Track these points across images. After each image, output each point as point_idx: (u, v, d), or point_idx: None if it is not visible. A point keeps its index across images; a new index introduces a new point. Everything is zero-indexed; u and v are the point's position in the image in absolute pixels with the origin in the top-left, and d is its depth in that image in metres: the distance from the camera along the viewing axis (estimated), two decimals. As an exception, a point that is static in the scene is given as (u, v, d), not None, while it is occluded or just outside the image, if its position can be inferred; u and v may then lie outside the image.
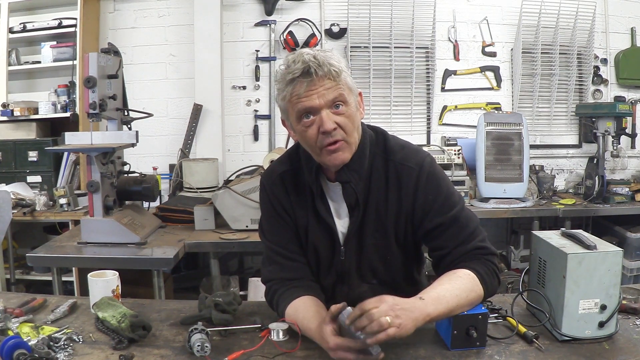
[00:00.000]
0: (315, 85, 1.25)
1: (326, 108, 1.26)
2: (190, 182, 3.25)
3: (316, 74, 1.24)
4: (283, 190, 1.44)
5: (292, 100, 1.27)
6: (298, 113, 1.28)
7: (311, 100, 1.25)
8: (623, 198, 3.42)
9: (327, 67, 1.24)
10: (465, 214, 1.37)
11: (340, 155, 1.31)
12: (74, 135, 2.57)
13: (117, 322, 1.31)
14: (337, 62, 1.27)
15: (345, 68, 1.29)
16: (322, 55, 1.26)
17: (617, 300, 1.27)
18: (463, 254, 1.33)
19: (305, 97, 1.25)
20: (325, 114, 1.26)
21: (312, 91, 1.25)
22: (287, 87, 1.27)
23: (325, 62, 1.24)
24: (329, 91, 1.25)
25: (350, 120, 1.29)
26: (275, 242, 1.46)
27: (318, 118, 1.27)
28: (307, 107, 1.26)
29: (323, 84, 1.25)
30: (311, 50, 1.28)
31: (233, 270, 3.75)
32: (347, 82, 1.29)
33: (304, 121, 1.29)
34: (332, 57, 1.28)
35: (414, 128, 3.92)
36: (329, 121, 1.26)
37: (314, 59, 1.24)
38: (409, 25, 3.80)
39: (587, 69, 3.91)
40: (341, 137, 1.29)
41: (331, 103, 1.26)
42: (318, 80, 1.24)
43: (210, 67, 3.67)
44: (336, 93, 1.26)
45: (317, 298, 1.39)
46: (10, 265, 3.28)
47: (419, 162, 1.37)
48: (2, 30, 3.62)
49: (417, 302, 1.16)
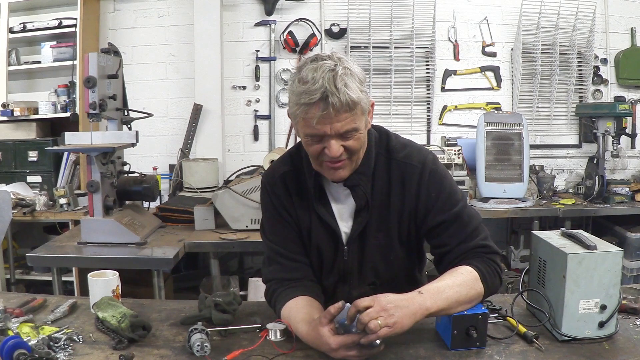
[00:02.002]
0: (331, 116, 1.20)
1: (336, 137, 1.24)
2: (190, 182, 3.25)
3: (333, 106, 1.18)
4: (285, 191, 1.44)
5: (304, 121, 1.23)
6: (307, 134, 1.26)
7: (324, 129, 1.22)
8: (623, 198, 3.42)
9: (346, 99, 1.18)
10: (468, 212, 1.37)
11: (340, 173, 1.31)
12: (74, 135, 2.57)
13: (117, 322, 1.31)
14: (356, 89, 1.21)
15: (361, 91, 1.23)
16: (342, 78, 1.19)
17: (617, 300, 1.26)
18: (465, 252, 1.33)
19: (318, 124, 1.21)
20: (334, 142, 1.24)
21: (326, 120, 1.20)
22: (301, 108, 1.21)
23: (344, 92, 1.18)
24: (343, 124, 1.22)
25: (358, 143, 1.28)
26: (276, 242, 1.46)
27: (326, 141, 1.25)
28: (318, 135, 1.24)
29: (338, 117, 1.20)
30: (332, 63, 1.21)
31: (233, 270, 3.75)
32: (362, 107, 1.24)
33: (310, 139, 1.27)
34: (352, 77, 1.21)
35: (414, 128, 3.92)
36: (336, 148, 1.24)
37: (333, 87, 1.17)
38: (409, 25, 3.80)
39: (587, 69, 3.91)
40: (345, 158, 1.28)
41: (342, 134, 1.24)
42: (334, 113, 1.19)
43: (210, 67, 3.67)
44: (349, 126, 1.23)
45: (315, 298, 1.38)
46: (10, 265, 3.28)
47: (421, 160, 1.38)
48: (2, 30, 3.62)
49: (416, 296, 1.17)
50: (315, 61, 1.23)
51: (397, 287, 1.43)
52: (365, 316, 1.09)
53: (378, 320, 1.08)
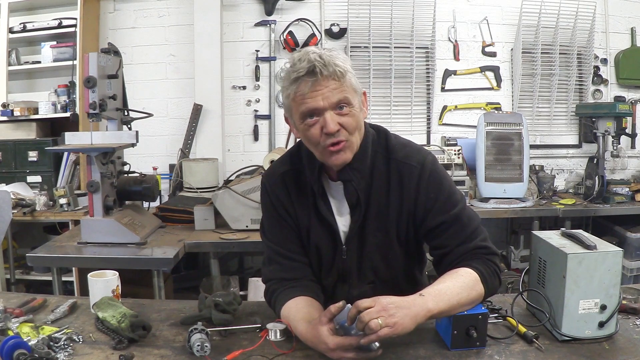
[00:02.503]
0: (320, 85, 1.24)
1: (330, 109, 1.26)
2: (190, 182, 3.25)
3: (321, 73, 1.23)
4: (284, 191, 1.44)
5: (296, 99, 1.27)
6: (302, 113, 1.28)
7: (315, 101, 1.25)
8: (623, 198, 3.42)
9: (333, 68, 1.23)
10: (467, 213, 1.37)
11: (342, 156, 1.31)
12: (74, 135, 2.56)
13: (117, 322, 1.31)
14: (342, 62, 1.26)
15: (350, 68, 1.29)
16: (327, 55, 1.25)
17: (617, 300, 1.26)
18: (464, 253, 1.33)
19: (309, 97, 1.25)
20: (329, 115, 1.26)
21: (316, 92, 1.24)
22: (292, 86, 1.27)
23: (330, 62, 1.24)
24: (334, 92, 1.25)
25: (354, 120, 1.29)
26: (275, 242, 1.46)
27: (322, 119, 1.27)
28: (311, 109, 1.26)
29: (328, 85, 1.24)
30: (317, 49, 1.28)
31: (233, 270, 3.75)
32: (352, 83, 1.29)
33: (307, 121, 1.29)
34: (338, 57, 1.27)
35: (414, 128, 3.92)
36: (333, 123, 1.26)
37: (319, 59, 1.23)
38: (409, 25, 3.80)
39: (587, 69, 3.90)
40: (344, 138, 1.29)
41: (335, 105, 1.26)
42: (323, 81, 1.24)
43: (210, 67, 3.67)
44: (341, 95, 1.26)
45: (314, 298, 1.39)
46: (10, 265, 3.28)
47: (420, 161, 1.37)
48: (2, 30, 3.62)
49: (417, 298, 1.17)
50: (301, 50, 1.30)
51: (397, 287, 1.44)
52: (365, 315, 1.09)
53: (379, 320, 1.08)
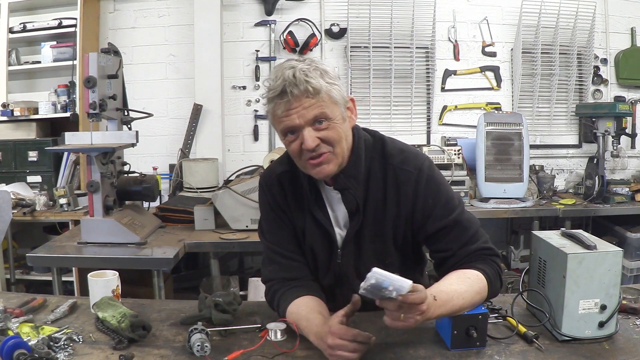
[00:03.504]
0: (293, 105, 1.23)
1: (307, 126, 1.25)
2: (190, 182, 3.25)
3: (292, 94, 1.22)
4: (281, 191, 1.44)
5: (274, 118, 1.29)
6: (281, 131, 1.29)
7: (291, 120, 1.25)
8: (623, 198, 3.42)
9: (304, 85, 1.21)
10: (467, 217, 1.37)
11: (325, 169, 1.30)
12: (74, 135, 2.57)
13: (117, 322, 1.31)
14: (318, 77, 1.24)
15: (327, 82, 1.25)
16: (302, 71, 1.23)
17: (617, 300, 1.27)
18: (468, 255, 1.33)
19: (285, 116, 1.25)
20: (307, 132, 1.25)
21: (291, 111, 1.24)
22: (269, 105, 1.28)
23: (302, 80, 1.21)
24: (309, 110, 1.24)
25: (335, 133, 1.28)
26: (274, 242, 1.46)
27: (300, 135, 1.26)
28: (289, 127, 1.26)
29: (301, 104, 1.23)
30: (295, 62, 1.26)
31: (233, 270, 3.75)
32: (331, 96, 1.26)
33: (288, 137, 1.29)
34: (316, 70, 1.24)
35: (414, 128, 3.92)
36: (311, 139, 1.25)
37: (292, 77, 1.22)
38: (409, 25, 3.80)
39: (587, 69, 3.90)
40: (325, 150, 1.28)
41: (312, 121, 1.25)
42: (295, 101, 1.23)
43: (210, 67, 3.67)
44: (317, 111, 1.24)
45: (319, 298, 1.39)
46: (10, 265, 3.28)
47: (417, 166, 1.36)
48: (2, 30, 3.61)
49: (432, 303, 1.15)
50: (282, 64, 1.28)
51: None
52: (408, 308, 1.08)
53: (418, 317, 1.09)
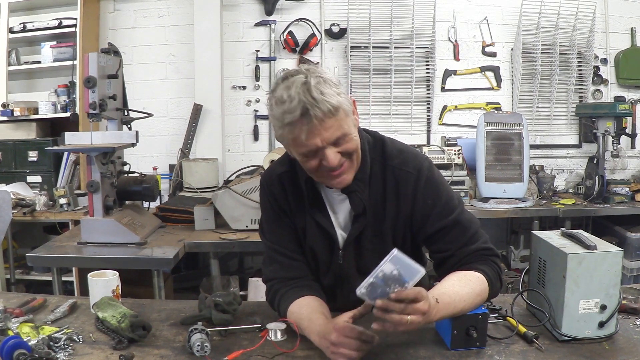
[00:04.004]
0: (317, 128, 1.19)
1: (330, 146, 1.23)
2: (190, 182, 3.25)
3: (316, 117, 1.17)
4: (282, 191, 1.44)
5: (292, 141, 1.24)
6: (301, 153, 1.26)
7: (314, 142, 1.21)
8: (623, 198, 3.42)
9: (326, 106, 1.17)
10: (466, 217, 1.37)
11: (345, 179, 1.30)
12: (74, 135, 2.56)
13: (117, 322, 1.31)
14: (332, 92, 1.20)
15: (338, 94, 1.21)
16: (317, 87, 1.18)
17: (617, 300, 1.26)
18: (468, 255, 1.32)
19: (307, 139, 1.21)
20: (330, 151, 1.23)
21: (313, 133, 1.20)
22: (286, 128, 1.21)
23: (322, 100, 1.17)
24: (331, 131, 1.21)
25: (352, 144, 1.27)
26: (275, 242, 1.46)
27: (321, 153, 1.23)
28: (310, 150, 1.23)
29: (324, 125, 1.19)
30: (303, 77, 1.20)
31: (233, 270, 3.75)
32: (344, 109, 1.23)
33: (306, 156, 1.26)
34: (326, 83, 1.20)
35: (414, 128, 3.92)
36: (334, 157, 1.23)
37: (311, 98, 1.17)
38: (409, 25, 3.79)
39: (587, 69, 3.90)
40: (345, 162, 1.27)
41: (335, 141, 1.23)
42: (319, 123, 1.18)
43: (210, 67, 3.67)
44: (338, 133, 1.22)
45: (320, 298, 1.39)
46: (10, 265, 3.28)
47: (417, 167, 1.36)
48: (2, 30, 3.61)
49: (434, 305, 1.15)
50: (286, 79, 1.22)
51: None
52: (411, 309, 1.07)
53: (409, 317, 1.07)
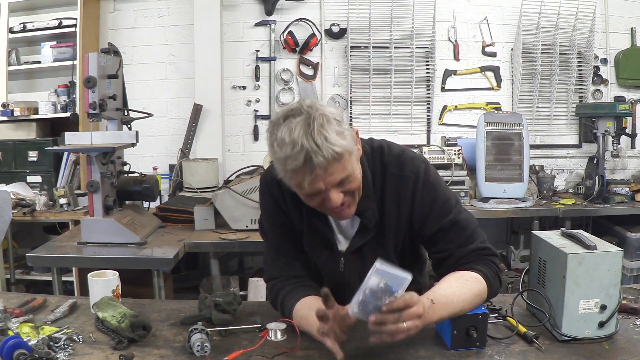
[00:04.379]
0: (320, 174, 1.17)
1: (332, 188, 1.21)
2: (190, 182, 3.25)
3: (320, 166, 1.15)
4: (280, 194, 1.44)
5: (296, 186, 1.23)
6: (302, 195, 1.25)
7: (318, 186, 1.20)
8: (623, 198, 3.41)
9: (330, 154, 1.14)
10: (464, 217, 1.37)
11: (347, 213, 1.30)
12: (74, 135, 2.56)
13: (117, 322, 1.31)
14: (336, 138, 1.15)
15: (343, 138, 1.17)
16: (320, 132, 1.14)
17: (617, 300, 1.27)
18: (465, 255, 1.32)
19: (310, 183, 1.19)
20: (333, 193, 1.22)
21: (317, 181, 1.18)
22: (288, 173, 1.19)
23: (326, 147, 1.13)
24: (335, 175, 1.19)
25: (356, 183, 1.26)
26: (275, 240, 1.46)
27: (324, 194, 1.22)
28: (314, 193, 1.22)
29: (328, 172, 1.17)
30: (306, 120, 1.15)
31: (233, 270, 3.75)
32: (348, 150, 1.20)
33: (308, 196, 1.25)
34: (329, 123, 1.16)
35: (414, 128, 3.92)
36: (337, 198, 1.22)
37: (314, 145, 1.13)
38: (409, 25, 3.80)
39: (587, 69, 3.90)
40: (347, 199, 1.27)
41: (338, 184, 1.22)
42: (323, 171, 1.16)
43: (210, 67, 3.67)
44: (342, 175, 1.20)
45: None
46: (10, 265, 3.28)
47: (414, 170, 1.36)
48: (2, 30, 3.61)
49: (431, 307, 1.15)
50: (288, 119, 1.17)
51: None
52: (405, 315, 1.07)
53: (405, 324, 1.07)
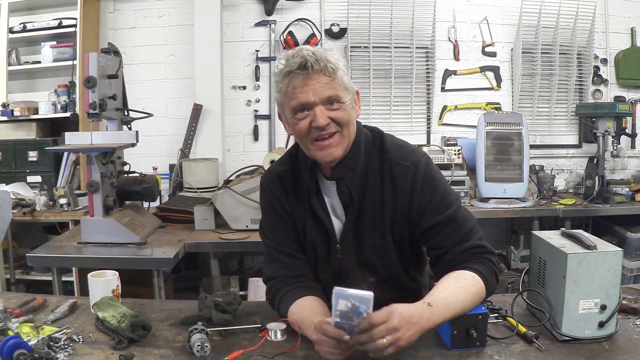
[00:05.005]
0: (311, 79, 1.27)
1: (320, 104, 1.29)
2: (190, 182, 3.25)
3: (312, 68, 1.26)
4: (282, 190, 1.45)
5: (287, 93, 1.31)
6: (293, 107, 1.31)
7: (306, 95, 1.28)
8: (623, 198, 3.41)
9: (324, 63, 1.27)
10: (462, 214, 1.37)
11: (332, 152, 1.32)
12: (74, 135, 2.56)
13: (117, 322, 1.31)
14: (334, 59, 1.30)
15: (342, 67, 1.32)
16: (321, 51, 1.30)
17: (617, 300, 1.27)
18: (461, 253, 1.33)
19: (300, 91, 1.28)
20: (319, 110, 1.29)
21: (307, 86, 1.28)
22: (284, 80, 1.30)
23: (322, 58, 1.27)
24: (324, 88, 1.28)
25: (345, 114, 1.32)
26: (275, 241, 1.47)
27: (312, 113, 1.29)
28: (302, 103, 1.29)
29: (319, 80, 1.28)
30: (312, 47, 1.32)
31: (233, 270, 3.75)
32: (344, 81, 1.32)
33: (298, 115, 1.31)
34: (331, 54, 1.31)
35: (414, 128, 3.92)
36: (322, 117, 1.29)
37: (312, 54, 1.27)
38: (409, 25, 3.80)
39: (587, 69, 3.90)
40: (334, 130, 1.31)
41: (326, 100, 1.29)
42: (314, 75, 1.27)
43: (210, 67, 3.67)
44: (332, 92, 1.29)
45: (320, 298, 1.39)
46: (10, 265, 3.28)
47: (415, 162, 1.37)
48: (2, 30, 3.61)
49: (425, 310, 1.15)
50: (298, 47, 1.34)
51: (396, 286, 1.44)
52: (376, 333, 1.06)
53: (384, 340, 1.06)
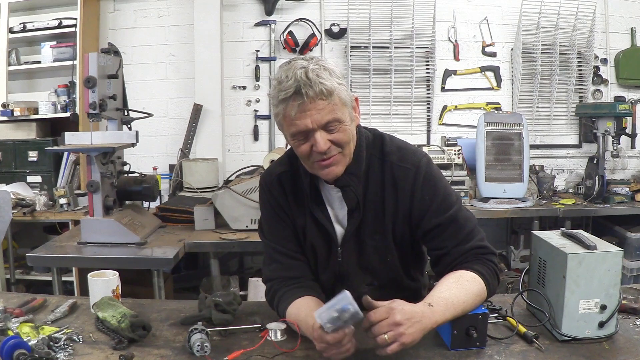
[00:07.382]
0: (308, 107, 1.22)
1: (320, 129, 1.25)
2: (190, 182, 3.25)
3: (307, 95, 1.21)
4: (281, 191, 1.45)
5: (286, 118, 1.26)
6: (292, 133, 1.28)
7: (304, 123, 1.24)
8: (623, 198, 3.41)
9: (319, 87, 1.21)
10: (463, 214, 1.37)
11: (333, 170, 1.31)
12: (74, 135, 2.56)
13: (117, 322, 1.31)
14: (329, 77, 1.23)
15: (337, 83, 1.25)
16: (314, 70, 1.22)
17: (617, 300, 1.26)
18: (463, 254, 1.33)
19: (297, 119, 1.24)
20: (319, 135, 1.25)
21: (305, 112, 1.23)
22: (280, 105, 1.25)
23: (316, 82, 1.20)
24: (322, 113, 1.23)
25: (345, 135, 1.28)
26: (275, 241, 1.46)
27: (312, 138, 1.26)
28: (301, 131, 1.26)
29: (315, 106, 1.22)
30: (305, 62, 1.24)
31: (233, 270, 3.75)
32: (341, 97, 1.26)
33: (297, 140, 1.28)
34: (325, 71, 1.24)
35: (414, 128, 3.92)
36: (323, 142, 1.25)
37: (305, 78, 1.20)
38: (409, 25, 3.80)
39: (587, 69, 3.90)
40: (335, 152, 1.29)
41: (325, 125, 1.25)
42: (310, 102, 1.22)
43: (210, 67, 3.67)
44: (330, 116, 1.24)
45: (318, 298, 1.39)
46: (10, 265, 3.27)
47: (415, 163, 1.37)
48: (2, 30, 3.61)
49: (426, 310, 1.15)
50: (289, 62, 1.27)
51: (396, 288, 1.44)
52: (376, 329, 1.08)
53: (386, 336, 1.07)
